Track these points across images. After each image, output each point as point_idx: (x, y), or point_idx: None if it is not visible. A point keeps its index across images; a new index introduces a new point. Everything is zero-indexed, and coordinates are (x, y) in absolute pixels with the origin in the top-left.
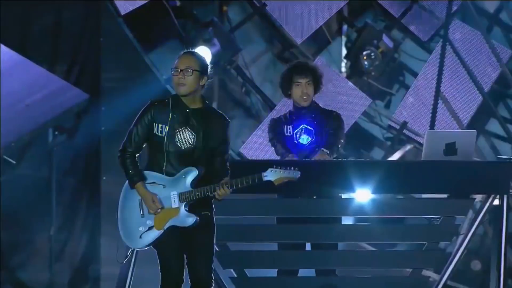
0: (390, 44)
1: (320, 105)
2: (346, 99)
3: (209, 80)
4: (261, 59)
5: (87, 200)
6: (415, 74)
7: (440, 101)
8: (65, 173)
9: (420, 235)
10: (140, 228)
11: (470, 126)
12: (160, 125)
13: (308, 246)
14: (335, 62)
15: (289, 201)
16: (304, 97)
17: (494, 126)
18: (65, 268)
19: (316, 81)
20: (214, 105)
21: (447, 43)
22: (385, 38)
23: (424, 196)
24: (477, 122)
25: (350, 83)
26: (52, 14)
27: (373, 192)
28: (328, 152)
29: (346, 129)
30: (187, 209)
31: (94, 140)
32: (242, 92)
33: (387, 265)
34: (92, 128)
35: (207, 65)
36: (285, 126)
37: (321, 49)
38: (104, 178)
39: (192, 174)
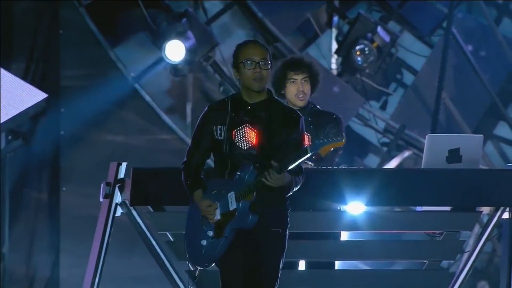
0: (386, 38)
1: (317, 106)
2: (336, 100)
3: None
4: None
5: (44, 214)
6: (414, 72)
7: (442, 102)
8: (19, 183)
9: (420, 252)
10: (203, 242)
11: (476, 130)
12: (219, 127)
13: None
14: (325, 58)
15: None
16: (300, 96)
17: (503, 130)
18: None
19: (313, 78)
20: (188, 106)
21: (451, 37)
22: (380, 31)
23: (424, 208)
24: (485, 125)
25: (342, 81)
26: (3, 4)
27: (367, 204)
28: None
29: None
30: (245, 207)
31: (52, 145)
32: (220, 91)
33: (383, 286)
34: (50, 132)
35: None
36: None
37: (309, 43)
38: (64, 188)
39: (247, 170)
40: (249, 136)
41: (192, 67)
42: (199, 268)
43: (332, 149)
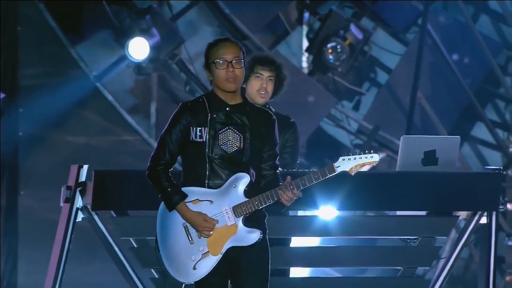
0: (359, 35)
1: (272, 108)
2: (307, 99)
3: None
4: None
5: (1, 218)
6: (388, 70)
7: (417, 102)
8: None
9: (394, 259)
10: (193, 258)
11: (453, 131)
12: (198, 129)
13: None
14: (295, 56)
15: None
16: (262, 93)
17: (480, 131)
18: None
19: (279, 81)
20: (152, 106)
21: (426, 34)
22: (353, 28)
23: (398, 213)
24: (461, 126)
25: (313, 81)
26: None
27: (339, 209)
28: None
29: (308, 134)
30: (246, 224)
31: (10, 147)
32: (186, 91)
33: None
34: (8, 133)
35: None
36: None
37: (278, 40)
38: (22, 192)
39: (243, 181)
40: (234, 139)
41: (156, 66)
42: (184, 283)
43: (362, 168)
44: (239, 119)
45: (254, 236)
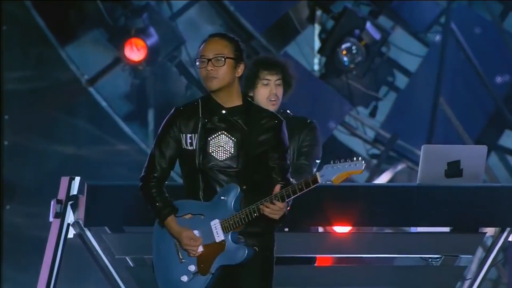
0: (376, 35)
1: (288, 111)
2: (319, 105)
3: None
4: None
5: None
6: (408, 73)
7: (440, 108)
8: None
9: (414, 280)
10: (183, 278)
11: (479, 140)
12: (188, 136)
13: None
14: (306, 57)
15: None
16: (272, 99)
17: (509, 140)
18: None
19: (287, 82)
20: (150, 113)
21: (449, 34)
22: (369, 27)
23: (419, 229)
24: (488, 135)
25: (325, 85)
26: None
27: (354, 225)
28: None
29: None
30: (235, 240)
31: None
32: (187, 95)
33: None
34: None
35: (242, 50)
36: None
37: (288, 40)
38: (8, 207)
39: (233, 193)
40: (227, 145)
41: (154, 69)
42: None
43: (348, 177)
44: (235, 123)
45: (241, 253)
